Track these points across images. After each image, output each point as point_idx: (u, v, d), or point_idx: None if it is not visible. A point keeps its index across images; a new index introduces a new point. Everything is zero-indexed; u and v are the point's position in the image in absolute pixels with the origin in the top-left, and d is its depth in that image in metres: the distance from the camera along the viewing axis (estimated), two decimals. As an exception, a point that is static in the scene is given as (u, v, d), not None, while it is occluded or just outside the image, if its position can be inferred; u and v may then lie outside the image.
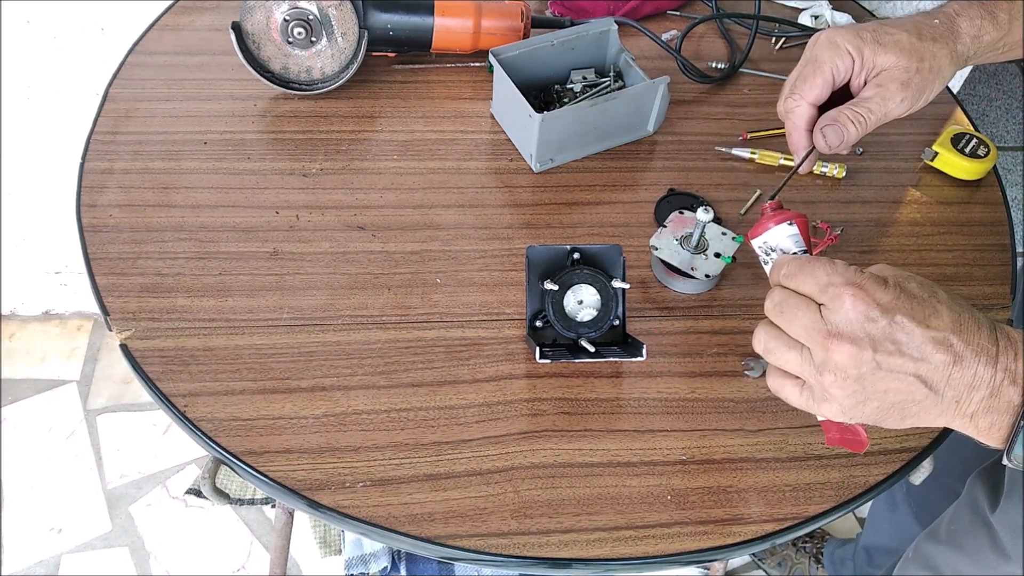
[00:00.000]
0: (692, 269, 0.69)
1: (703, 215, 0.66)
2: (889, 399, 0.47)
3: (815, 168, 0.80)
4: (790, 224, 0.54)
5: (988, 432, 0.47)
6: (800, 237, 0.54)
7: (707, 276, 0.69)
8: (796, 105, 0.60)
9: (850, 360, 0.46)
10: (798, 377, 0.50)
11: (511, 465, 0.60)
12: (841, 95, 0.61)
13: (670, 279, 0.71)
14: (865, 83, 0.59)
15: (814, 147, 0.61)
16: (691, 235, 0.69)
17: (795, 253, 0.54)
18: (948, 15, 0.61)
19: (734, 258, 0.70)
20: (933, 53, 0.58)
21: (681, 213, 0.72)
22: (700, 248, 0.69)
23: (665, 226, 0.71)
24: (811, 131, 0.61)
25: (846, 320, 0.46)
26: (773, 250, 0.55)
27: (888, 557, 1.14)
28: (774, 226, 0.54)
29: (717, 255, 0.70)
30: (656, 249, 0.69)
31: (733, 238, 0.71)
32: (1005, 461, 0.47)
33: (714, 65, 0.90)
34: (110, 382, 1.52)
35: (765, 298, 0.51)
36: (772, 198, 0.57)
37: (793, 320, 0.48)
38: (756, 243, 0.56)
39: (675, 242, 0.70)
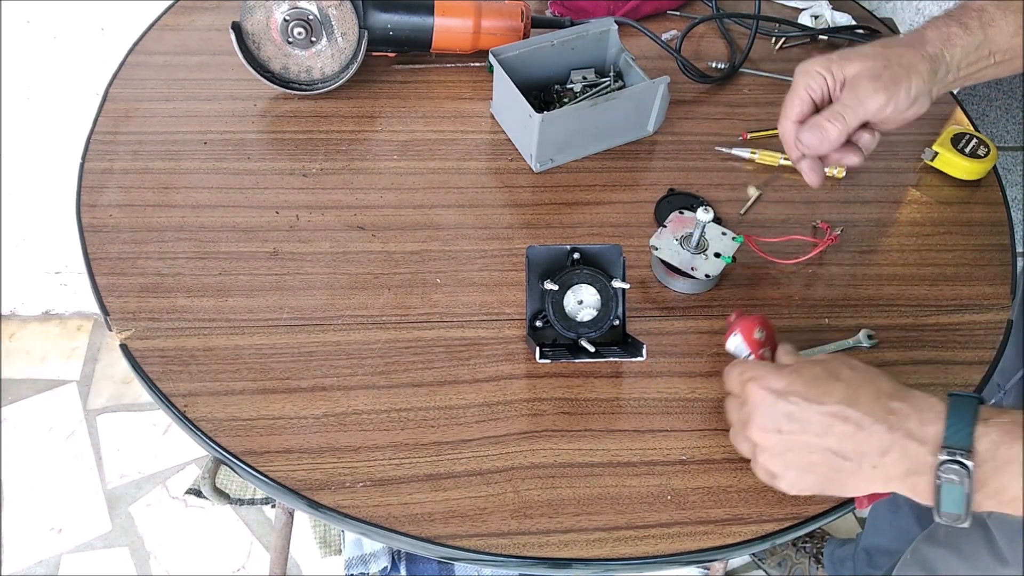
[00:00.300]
0: (692, 269, 0.69)
1: (703, 215, 0.66)
2: (819, 471, 0.52)
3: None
4: (734, 335, 0.61)
5: (918, 492, 0.50)
6: (743, 345, 0.61)
7: (707, 276, 0.69)
8: (783, 128, 0.66)
9: (767, 442, 0.53)
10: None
11: (511, 465, 0.60)
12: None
13: (670, 279, 0.71)
14: (841, 88, 0.63)
15: (803, 155, 0.65)
16: (691, 235, 0.69)
17: (745, 357, 0.61)
18: (914, 29, 0.65)
19: (734, 258, 0.70)
20: (899, 54, 0.62)
21: (681, 213, 0.72)
22: (700, 248, 0.69)
23: (665, 226, 0.71)
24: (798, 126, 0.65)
25: (752, 410, 0.54)
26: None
27: (888, 558, 1.14)
28: (728, 338, 0.62)
29: (717, 255, 0.70)
30: (656, 249, 0.69)
31: (733, 238, 0.71)
32: (936, 518, 0.50)
33: (714, 65, 0.90)
34: (110, 382, 1.52)
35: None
36: (743, 212, 0.66)
37: (730, 418, 0.57)
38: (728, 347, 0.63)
39: (675, 242, 0.70)
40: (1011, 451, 0.47)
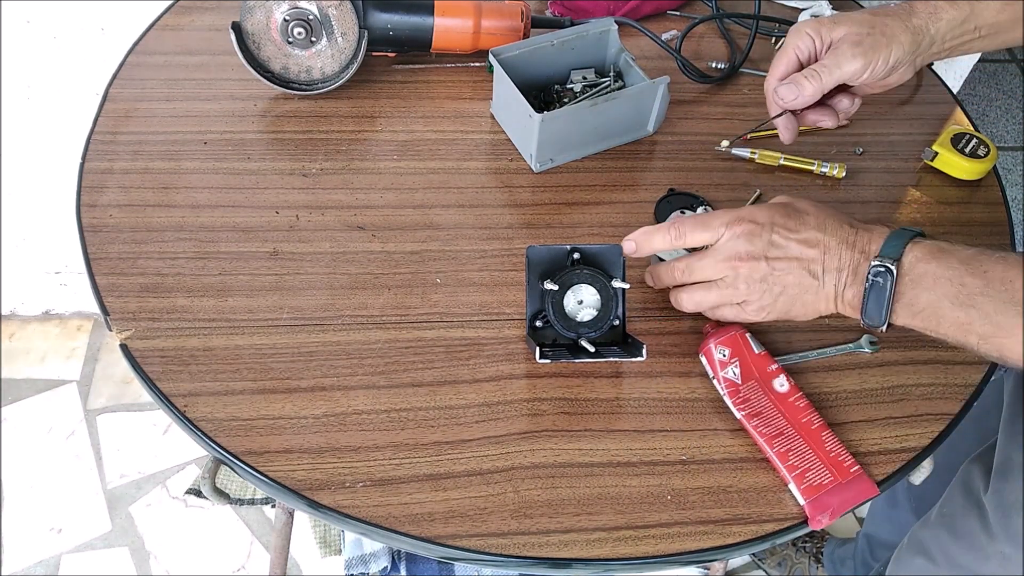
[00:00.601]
0: None
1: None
2: (790, 293, 0.60)
3: (815, 168, 0.80)
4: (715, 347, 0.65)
5: (852, 304, 0.59)
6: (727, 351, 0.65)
7: None
8: (766, 83, 0.71)
9: (752, 269, 0.60)
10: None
11: (511, 465, 0.60)
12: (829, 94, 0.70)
13: None
14: (826, 49, 0.68)
15: (782, 113, 0.71)
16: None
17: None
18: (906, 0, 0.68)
19: None
20: (884, 22, 0.66)
21: (682, 213, 0.72)
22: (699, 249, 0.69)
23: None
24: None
25: (740, 244, 0.60)
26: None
27: (888, 551, 1.14)
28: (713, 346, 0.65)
29: None
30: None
31: None
32: (862, 323, 0.59)
33: (714, 65, 0.91)
34: (110, 382, 1.52)
35: (671, 293, 0.66)
36: (731, 144, 0.80)
37: (702, 269, 0.62)
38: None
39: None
40: (927, 267, 0.55)
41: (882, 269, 0.56)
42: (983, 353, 0.55)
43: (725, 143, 0.81)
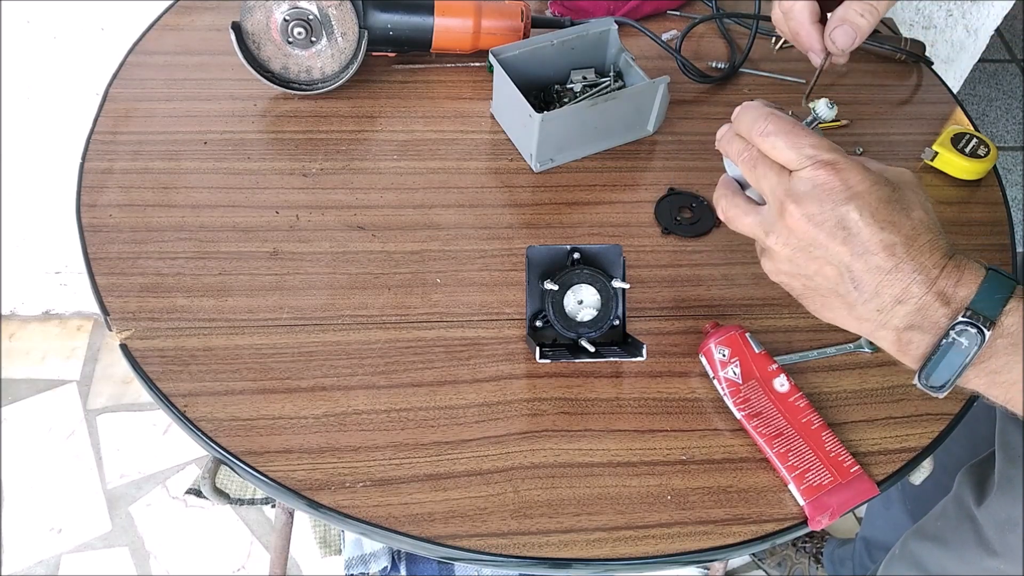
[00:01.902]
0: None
1: (825, 110, 0.54)
2: (816, 282, 0.48)
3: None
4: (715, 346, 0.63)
5: (907, 348, 0.47)
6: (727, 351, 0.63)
7: None
8: (791, 6, 0.59)
9: (797, 230, 0.47)
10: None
11: (511, 465, 0.60)
12: None
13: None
14: None
15: (828, 53, 0.60)
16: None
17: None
18: None
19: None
20: None
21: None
22: None
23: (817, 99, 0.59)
24: (819, 25, 0.60)
25: (810, 193, 0.47)
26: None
27: (884, 553, 1.14)
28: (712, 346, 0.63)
29: None
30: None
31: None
32: (915, 381, 0.47)
33: (714, 65, 0.90)
34: (110, 382, 1.52)
35: (724, 147, 0.53)
36: (807, 96, 0.64)
37: (763, 178, 0.49)
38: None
39: None
40: None
41: (972, 331, 0.44)
42: None
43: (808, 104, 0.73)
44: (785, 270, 0.50)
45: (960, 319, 0.44)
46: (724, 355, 0.63)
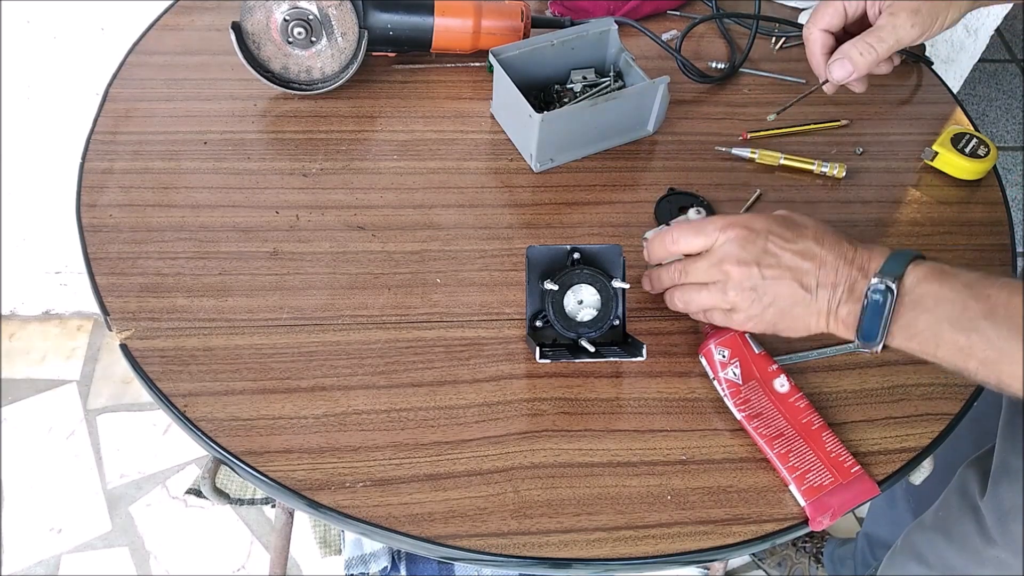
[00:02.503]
0: None
1: (694, 216, 0.67)
2: (780, 304, 0.59)
3: (815, 168, 0.80)
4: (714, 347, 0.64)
5: (846, 322, 0.57)
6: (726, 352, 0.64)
7: None
8: (809, 33, 0.69)
9: (743, 276, 0.58)
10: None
11: (511, 465, 0.60)
12: (859, 26, 0.68)
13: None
14: (879, 12, 0.65)
15: (827, 80, 0.69)
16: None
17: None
18: None
19: None
20: None
21: (681, 212, 0.72)
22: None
23: (668, 224, 0.70)
24: (828, 55, 0.69)
25: (733, 249, 0.59)
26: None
27: (886, 550, 1.14)
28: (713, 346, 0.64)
29: None
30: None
31: None
32: (852, 346, 0.58)
33: (714, 65, 0.90)
34: (110, 382, 1.52)
35: (665, 293, 0.65)
36: (777, 114, 0.77)
37: (695, 270, 0.61)
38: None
39: None
40: (929, 288, 0.54)
41: (882, 287, 0.54)
42: (980, 379, 0.53)
43: (771, 117, 0.81)
44: (753, 312, 0.59)
45: (872, 281, 0.55)
46: (724, 356, 0.63)
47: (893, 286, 0.54)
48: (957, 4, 0.63)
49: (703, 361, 0.65)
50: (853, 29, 0.68)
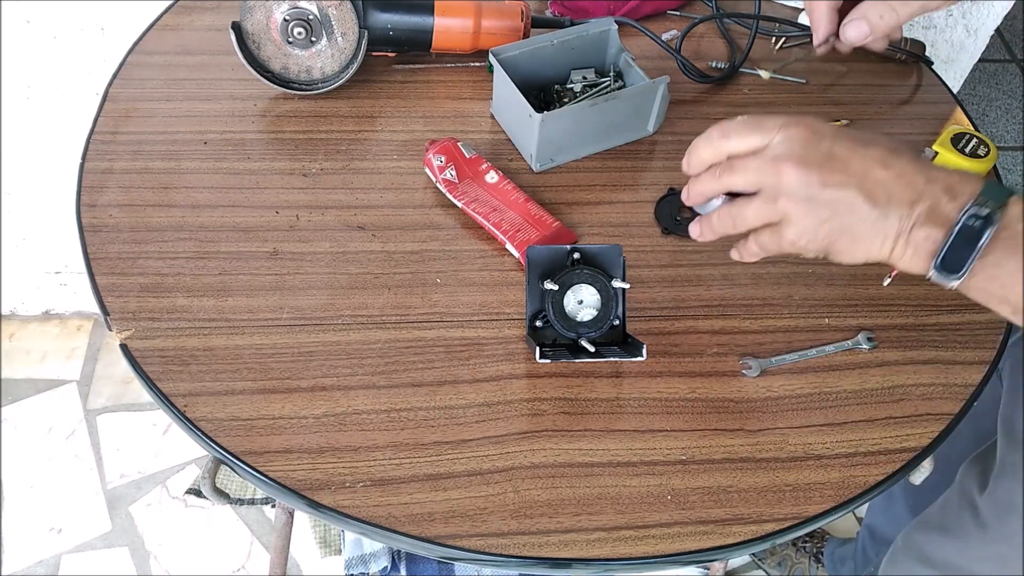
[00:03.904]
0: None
1: (716, 204, 0.58)
2: (838, 220, 0.50)
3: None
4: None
5: (922, 248, 0.48)
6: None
7: None
8: (814, 3, 0.62)
9: (799, 180, 0.49)
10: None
11: (511, 465, 0.60)
12: None
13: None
14: None
15: (830, 38, 0.62)
16: None
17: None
18: None
19: None
20: None
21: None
22: None
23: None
24: (835, 12, 0.62)
25: (791, 147, 0.50)
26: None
27: (886, 546, 1.14)
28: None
29: None
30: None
31: None
32: (929, 273, 0.49)
33: (714, 65, 0.90)
34: (110, 382, 1.52)
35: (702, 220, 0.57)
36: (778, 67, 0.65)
37: (745, 168, 0.52)
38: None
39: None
40: None
41: (984, 213, 0.46)
42: None
43: (765, 74, 0.78)
44: (807, 225, 0.51)
45: (971, 204, 0.46)
46: (441, 161, 0.74)
47: (996, 215, 0.46)
48: None
49: (426, 170, 0.75)
50: None
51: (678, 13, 0.96)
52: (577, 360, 0.64)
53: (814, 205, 0.50)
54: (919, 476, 0.64)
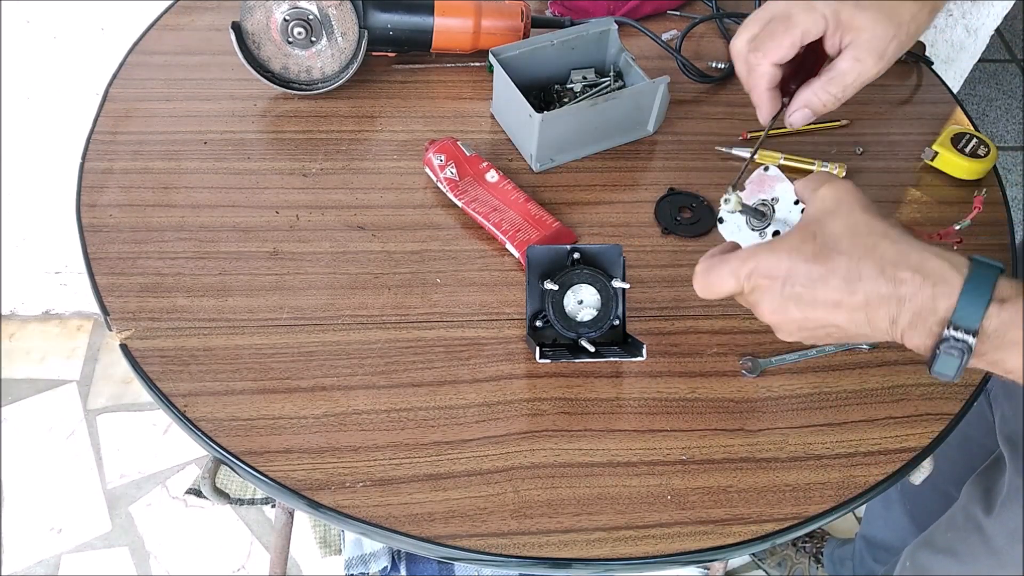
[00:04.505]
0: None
1: (722, 203, 0.56)
2: (835, 336, 0.51)
3: (815, 168, 0.80)
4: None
5: (917, 348, 0.48)
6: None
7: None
8: (758, 64, 0.59)
9: (780, 322, 0.51)
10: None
11: (511, 465, 0.60)
12: (811, 55, 0.60)
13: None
14: (840, 48, 0.57)
15: (780, 112, 0.62)
16: (766, 210, 0.59)
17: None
18: None
19: None
20: (913, 14, 0.57)
21: (766, 171, 0.63)
22: (764, 221, 0.59)
23: (743, 189, 0.60)
24: (775, 90, 0.61)
25: (759, 298, 0.51)
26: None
27: (885, 553, 1.14)
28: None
29: (776, 233, 0.58)
30: (721, 223, 0.60)
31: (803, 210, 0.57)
32: (930, 374, 0.49)
33: (714, 65, 0.90)
34: (110, 382, 1.52)
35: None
36: (733, 186, 0.57)
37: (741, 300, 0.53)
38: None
39: (741, 217, 0.60)
40: (1016, 334, 0.45)
41: (958, 346, 0.46)
42: None
43: (729, 149, 0.80)
44: (804, 336, 0.52)
45: (946, 334, 0.46)
46: (442, 160, 0.74)
47: (971, 342, 0.45)
48: (921, 27, 0.58)
49: (427, 170, 0.75)
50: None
51: (678, 13, 0.96)
52: (577, 360, 0.64)
53: (810, 332, 0.51)
54: (919, 476, 0.64)
